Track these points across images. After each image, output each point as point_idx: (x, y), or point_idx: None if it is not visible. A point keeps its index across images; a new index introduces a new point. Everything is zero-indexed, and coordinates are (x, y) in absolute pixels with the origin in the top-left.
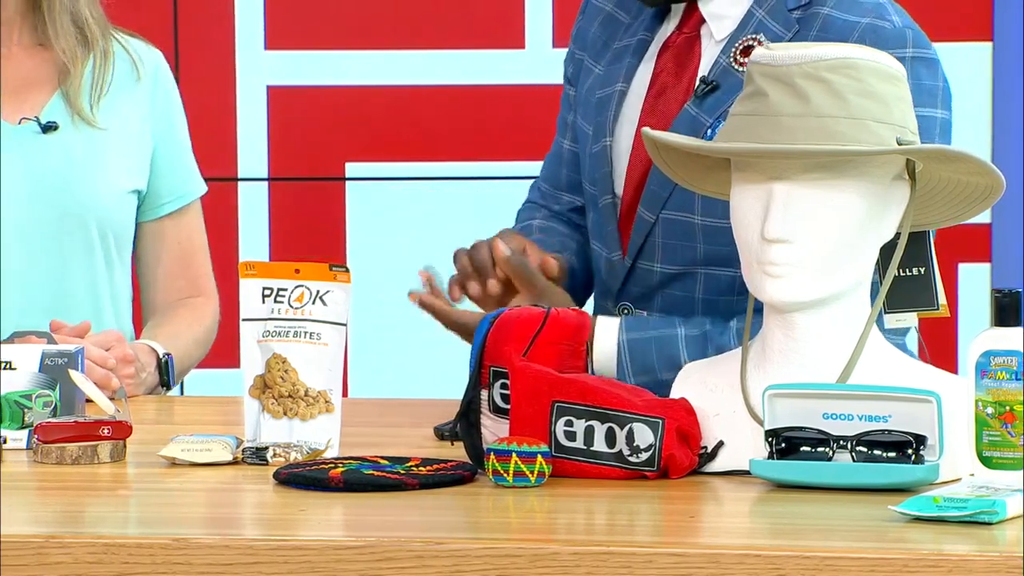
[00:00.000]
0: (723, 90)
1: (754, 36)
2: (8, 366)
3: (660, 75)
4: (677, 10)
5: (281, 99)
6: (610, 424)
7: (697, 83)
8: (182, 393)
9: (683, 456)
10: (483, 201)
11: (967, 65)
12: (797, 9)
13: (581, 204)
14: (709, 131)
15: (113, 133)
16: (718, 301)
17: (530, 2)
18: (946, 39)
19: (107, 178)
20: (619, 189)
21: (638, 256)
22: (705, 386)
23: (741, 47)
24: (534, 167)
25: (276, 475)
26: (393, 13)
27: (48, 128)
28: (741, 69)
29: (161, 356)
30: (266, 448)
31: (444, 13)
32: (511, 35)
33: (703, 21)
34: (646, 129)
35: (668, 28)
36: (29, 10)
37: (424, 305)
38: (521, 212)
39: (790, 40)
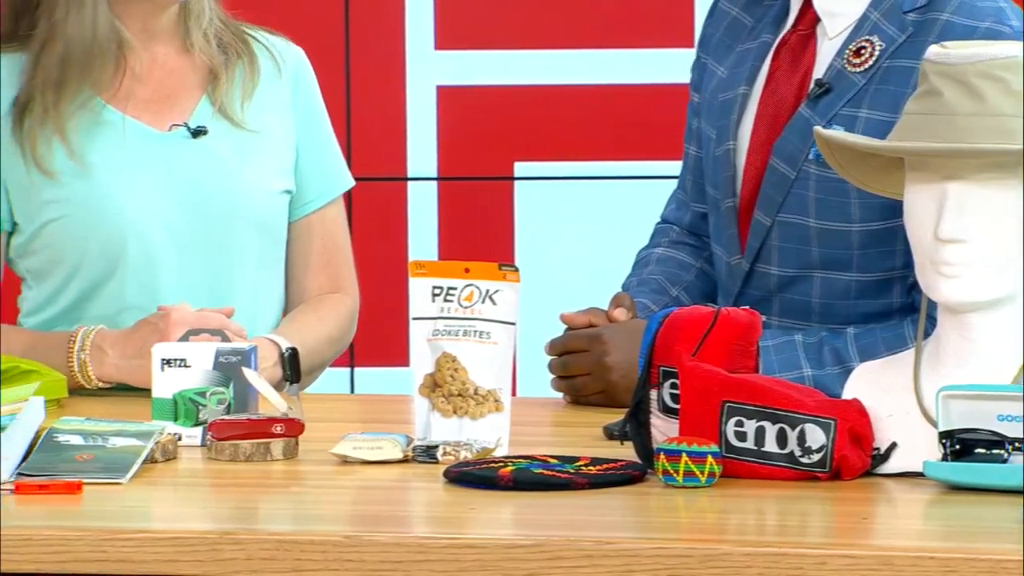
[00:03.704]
0: (836, 93)
1: (868, 38)
2: (183, 364)
3: (775, 74)
4: (795, 10)
5: (450, 99)
6: (781, 425)
7: (811, 85)
8: (352, 391)
9: (855, 457)
10: (651, 200)
11: None
12: (913, 12)
13: (706, 211)
14: None
15: (261, 135)
16: (835, 305)
17: (700, 1)
18: None
19: (259, 180)
20: (739, 192)
21: (756, 259)
22: (878, 387)
23: (855, 48)
24: None
25: (446, 473)
26: (562, 13)
27: (198, 133)
28: (855, 71)
29: (283, 350)
30: (436, 446)
31: (613, 13)
32: (680, 34)
33: (818, 20)
34: (818, 128)
35: (786, 29)
36: (178, 19)
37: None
38: (654, 234)
39: (903, 43)
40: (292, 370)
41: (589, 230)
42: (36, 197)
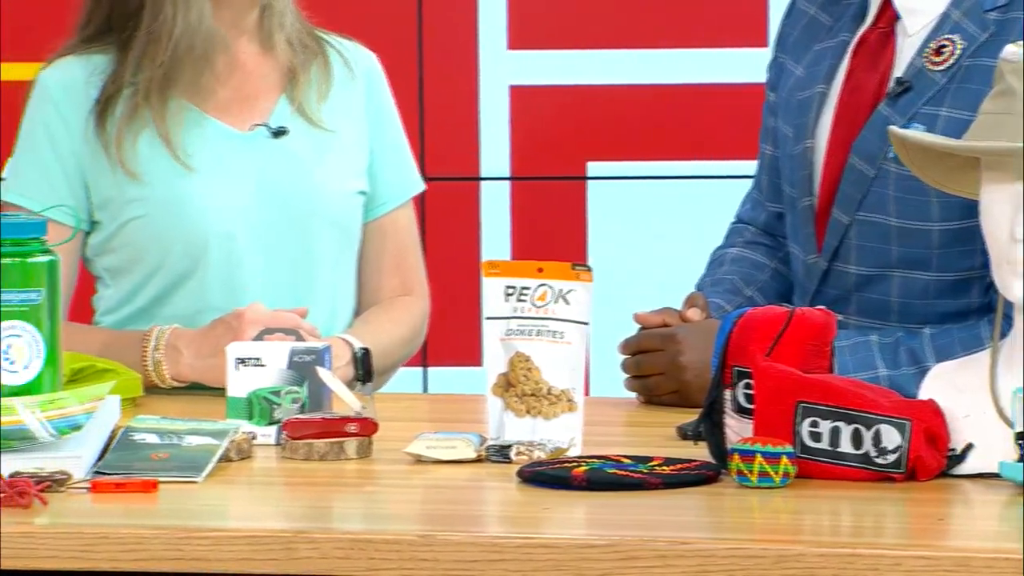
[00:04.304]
0: (916, 91)
1: (949, 37)
2: (257, 363)
3: (854, 72)
4: (874, 8)
5: (523, 98)
6: (856, 425)
7: (891, 83)
8: (425, 391)
9: (931, 458)
10: (723, 200)
11: None
12: (994, 11)
13: (781, 211)
14: None
15: (338, 135)
16: (913, 305)
17: (773, 0)
18: None
19: (337, 180)
20: (817, 191)
21: (833, 258)
22: (954, 387)
23: (935, 47)
24: None
25: (519, 473)
26: (635, 12)
27: (279, 133)
28: (935, 70)
29: (356, 350)
30: (509, 446)
31: (686, 12)
32: (754, 34)
33: (897, 17)
34: (892, 128)
35: (865, 27)
36: (256, 20)
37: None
38: (728, 234)
39: (984, 42)
40: (364, 370)
41: (662, 230)
42: (119, 195)
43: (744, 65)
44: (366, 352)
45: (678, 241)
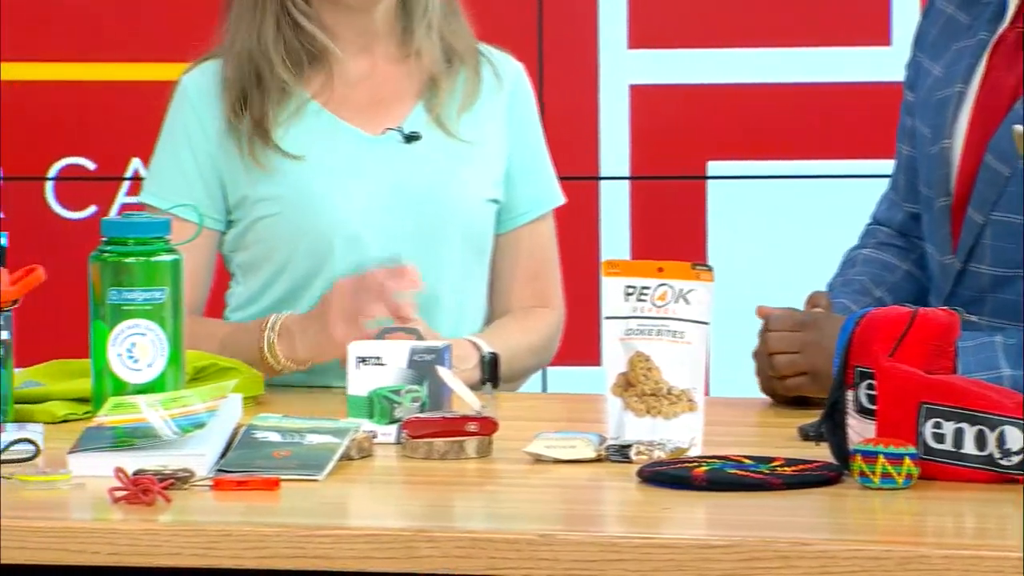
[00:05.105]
0: None
1: None
2: (378, 362)
3: (991, 71)
4: (1012, 7)
5: (643, 98)
6: (980, 426)
7: None
8: (544, 390)
9: None
10: (843, 199)
11: None
12: None
13: (918, 211)
14: None
15: (474, 145)
16: None
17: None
18: None
19: (468, 188)
20: (953, 191)
21: (968, 258)
22: None
23: None
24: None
25: (639, 473)
26: (756, 11)
27: (411, 138)
28: None
29: (484, 353)
30: (629, 446)
31: (808, 11)
32: (876, 32)
33: None
34: (1016, 126)
35: (1004, 27)
36: (398, 24)
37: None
38: (862, 235)
39: None
40: (491, 375)
41: (781, 229)
42: (252, 194)
43: (865, 64)
44: (494, 357)
45: (798, 241)
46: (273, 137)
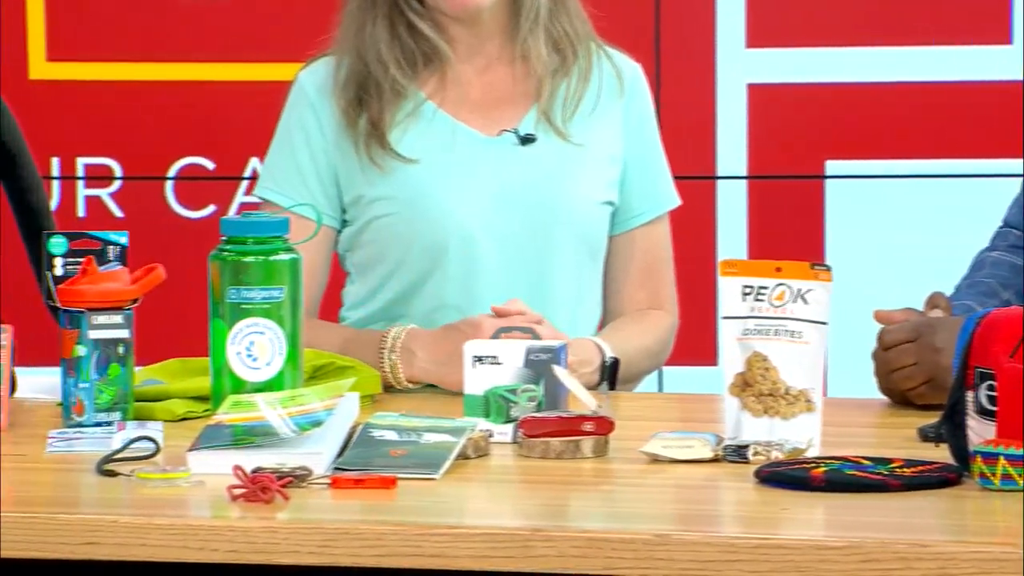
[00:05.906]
0: None
1: None
2: (494, 361)
3: None
4: None
5: (761, 97)
6: None
7: None
8: (660, 390)
9: None
10: (963, 199)
11: None
12: None
13: None
14: None
15: (589, 147)
16: None
17: None
18: None
19: (582, 190)
20: None
21: None
22: None
23: None
24: (1015, 165)
25: (757, 473)
26: (874, 10)
27: (526, 140)
28: None
29: (607, 357)
30: (747, 446)
31: (927, 9)
32: (997, 31)
33: None
34: None
35: None
36: (510, 24)
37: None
38: (994, 237)
39: None
40: (610, 381)
41: (900, 229)
42: (368, 193)
43: (985, 62)
44: (615, 362)
45: (916, 241)
46: (389, 139)
